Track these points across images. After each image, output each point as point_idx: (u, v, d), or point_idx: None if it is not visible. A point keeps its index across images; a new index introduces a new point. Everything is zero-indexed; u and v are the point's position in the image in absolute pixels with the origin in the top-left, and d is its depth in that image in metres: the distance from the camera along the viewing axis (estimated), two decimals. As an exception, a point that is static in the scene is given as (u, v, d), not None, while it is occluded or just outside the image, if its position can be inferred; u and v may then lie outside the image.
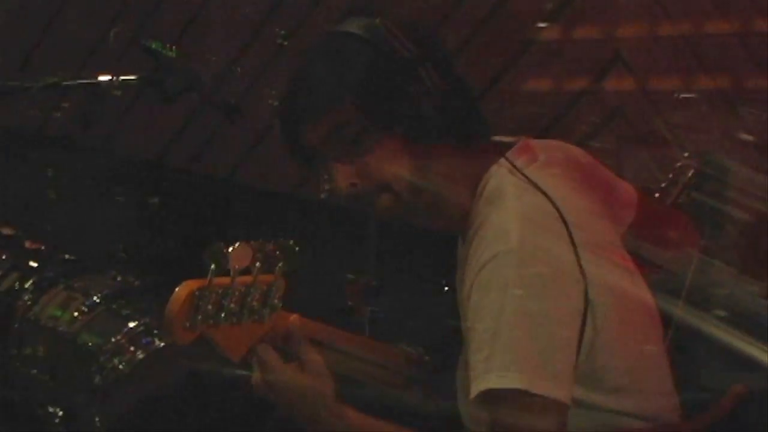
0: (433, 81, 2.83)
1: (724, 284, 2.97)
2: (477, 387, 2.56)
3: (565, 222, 2.63)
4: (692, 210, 3.17)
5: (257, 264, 2.39)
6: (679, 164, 3.23)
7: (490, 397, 2.55)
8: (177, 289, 2.35)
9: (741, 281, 3.02)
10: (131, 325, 4.50)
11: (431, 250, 2.93)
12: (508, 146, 2.79)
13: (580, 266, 2.61)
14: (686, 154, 3.28)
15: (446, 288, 2.85)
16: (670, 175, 3.20)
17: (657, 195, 3.17)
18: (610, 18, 4.41)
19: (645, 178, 3.45)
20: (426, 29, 3.04)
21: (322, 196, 4.06)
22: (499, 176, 2.74)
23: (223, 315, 2.37)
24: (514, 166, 2.76)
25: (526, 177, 2.73)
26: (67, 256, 4.97)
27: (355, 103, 2.77)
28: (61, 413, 4.53)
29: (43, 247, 5.04)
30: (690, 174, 3.21)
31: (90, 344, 4.52)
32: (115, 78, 3.07)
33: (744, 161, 3.37)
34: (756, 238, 3.22)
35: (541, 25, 4.61)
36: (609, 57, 4.42)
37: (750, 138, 3.77)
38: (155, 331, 4.46)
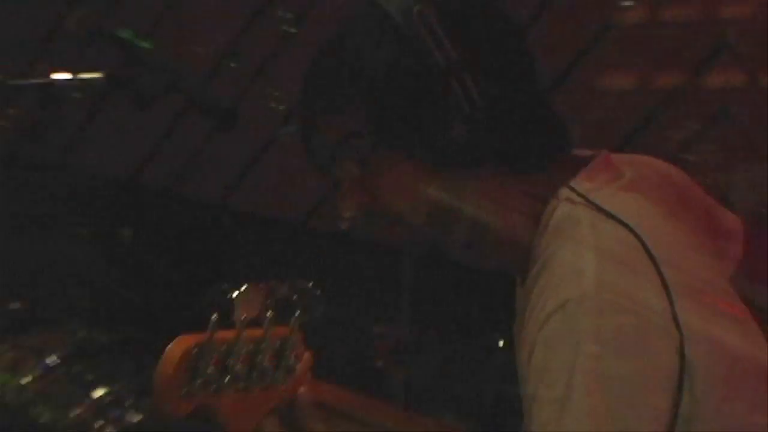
0: (470, 95, 2.74)
1: None
2: None
3: (653, 259, 2.55)
4: None
5: (269, 313, 2.39)
6: None
7: None
8: (170, 347, 2.33)
9: None
10: (98, 393, 4.70)
11: (480, 295, 2.90)
12: (583, 162, 2.66)
13: (674, 316, 2.50)
14: None
15: (501, 344, 2.83)
16: None
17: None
18: None
19: (757, 200, 3.43)
20: (490, 18, 2.89)
21: (343, 226, 4.09)
22: (570, 202, 2.66)
23: (227, 379, 2.37)
24: (587, 191, 2.68)
25: (601, 204, 2.70)
26: (14, 305, 4.97)
27: (364, 110, 2.69)
28: None
29: None
30: None
31: (44, 419, 4.68)
32: (74, 76, 2.86)
33: None
34: None
35: (626, 3, 4.60)
36: (712, 44, 4.41)
37: None
38: (127, 402, 4.65)
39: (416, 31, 2.81)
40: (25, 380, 4.85)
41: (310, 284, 2.51)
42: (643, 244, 2.59)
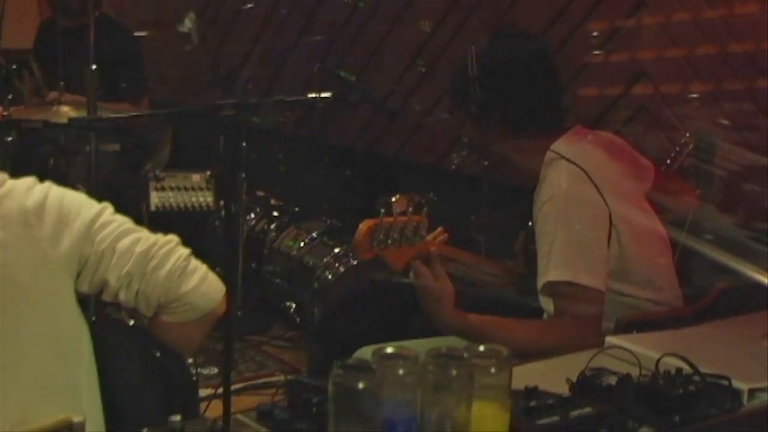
0: (537, 83, 2.74)
1: (712, 218, 2.89)
2: (540, 281, 2.59)
3: (591, 179, 2.63)
4: (691, 172, 3.07)
5: (410, 209, 2.35)
6: (682, 141, 3.13)
7: (550, 286, 2.56)
8: (360, 225, 2.32)
9: (722, 216, 2.94)
10: (336, 251, 4.65)
11: (523, 198, 2.88)
12: (566, 130, 2.77)
13: (605, 202, 2.61)
14: (687, 134, 3.18)
15: (530, 223, 2.79)
16: (677, 148, 3.11)
17: (668, 161, 3.07)
18: (636, 45, 4.27)
19: (663, 150, 3.28)
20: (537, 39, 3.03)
21: (453, 166, 4.21)
22: (553, 153, 2.70)
23: (389, 241, 2.31)
24: (560, 149, 2.69)
25: (565, 155, 2.66)
26: (296, 208, 5.21)
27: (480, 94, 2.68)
28: (294, 306, 4.74)
29: (281, 203, 5.26)
30: (690, 147, 3.09)
31: (311, 263, 4.71)
32: (317, 95, 2.94)
33: (724, 138, 3.30)
34: (732, 189, 3.11)
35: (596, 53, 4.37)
36: (636, 72, 4.25)
37: (727, 122, 3.75)
38: (350, 255, 4.55)
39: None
40: (301, 244, 4.85)
41: (432, 194, 2.51)
42: (586, 173, 2.65)
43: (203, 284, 2.18)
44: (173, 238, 2.23)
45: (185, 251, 2.22)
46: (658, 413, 1.83)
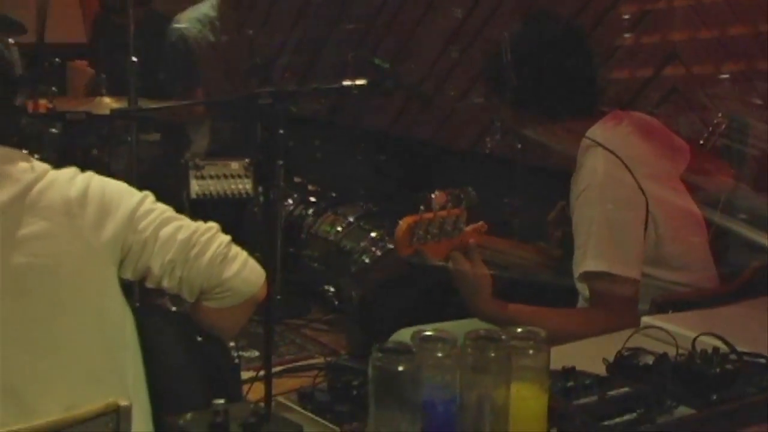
0: (572, 72, 2.72)
1: (746, 197, 2.86)
2: (577, 270, 2.60)
3: (626, 165, 2.61)
4: (725, 152, 3.07)
5: (449, 203, 2.35)
6: (715, 121, 3.13)
7: (586, 275, 2.57)
8: (400, 222, 2.32)
9: (757, 195, 2.90)
10: (372, 234, 4.65)
11: (558, 181, 2.86)
12: (603, 115, 2.76)
13: (641, 188, 2.60)
14: (720, 115, 3.19)
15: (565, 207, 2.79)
16: (710, 129, 3.12)
17: (701, 142, 3.08)
18: (667, 26, 4.24)
19: (695, 131, 3.36)
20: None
21: (486, 150, 4.21)
22: (589, 139, 2.69)
23: (429, 236, 2.32)
24: (595, 136, 2.68)
25: (601, 141, 2.66)
26: (333, 194, 5.21)
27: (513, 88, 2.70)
28: (332, 290, 4.74)
29: (318, 189, 5.26)
30: (723, 127, 3.10)
31: (348, 247, 4.72)
32: (352, 82, 2.92)
33: (757, 118, 3.29)
34: (766, 168, 3.04)
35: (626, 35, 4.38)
36: (667, 54, 4.21)
37: (760, 102, 3.70)
38: (386, 238, 4.54)
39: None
40: (338, 229, 4.85)
41: (470, 188, 2.45)
42: (622, 161, 2.62)
43: (244, 270, 2.20)
44: (213, 225, 2.24)
45: (226, 238, 2.23)
46: (696, 392, 1.82)
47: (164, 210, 2.21)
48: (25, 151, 2.15)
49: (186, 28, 5.05)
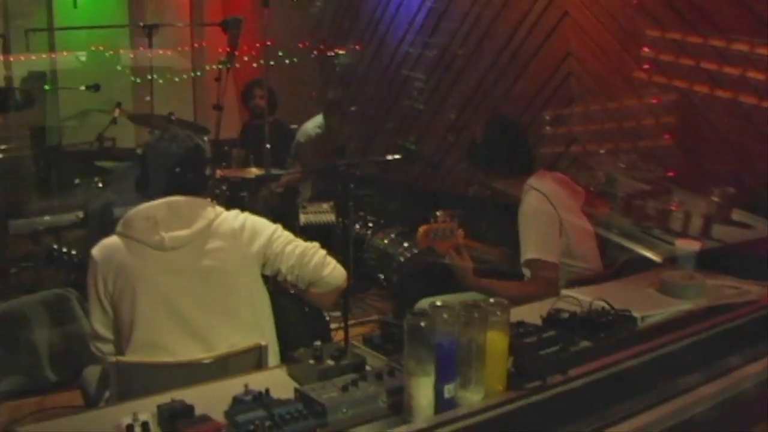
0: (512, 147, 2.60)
1: (617, 220, 2.73)
2: (522, 258, 2.51)
3: (549, 201, 2.54)
4: (605, 194, 2.92)
5: (448, 219, 2.28)
6: (598, 177, 3.07)
7: (527, 262, 2.49)
8: (420, 228, 2.30)
9: (623, 219, 2.74)
10: (405, 244, 4.42)
11: (510, 211, 2.67)
12: (536, 171, 2.65)
13: (558, 213, 2.53)
14: (600, 173, 3.16)
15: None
16: (596, 181, 3.00)
17: (591, 188, 2.90)
18: (570, 122, 3.92)
19: (587, 182, 3.15)
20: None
21: (470, 194, 3.95)
22: (528, 186, 2.59)
23: (436, 237, 2.27)
24: (532, 183, 2.59)
25: (534, 186, 2.57)
26: (381, 221, 4.81)
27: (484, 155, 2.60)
28: (382, 276, 4.50)
29: (373, 218, 4.78)
30: (603, 181, 3.01)
31: (390, 251, 4.47)
32: (392, 156, 2.80)
33: (623, 175, 3.20)
34: (628, 203, 2.86)
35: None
36: (571, 138, 3.94)
37: (623, 165, 3.56)
38: (413, 247, 4.26)
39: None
40: (385, 240, 4.43)
41: (460, 210, 2.35)
42: (546, 197, 2.53)
43: (334, 271, 2.18)
44: (316, 244, 2.22)
45: (323, 251, 2.21)
46: (592, 333, 1.80)
47: (288, 235, 2.20)
48: (209, 200, 2.15)
49: (312, 128, 4.90)
